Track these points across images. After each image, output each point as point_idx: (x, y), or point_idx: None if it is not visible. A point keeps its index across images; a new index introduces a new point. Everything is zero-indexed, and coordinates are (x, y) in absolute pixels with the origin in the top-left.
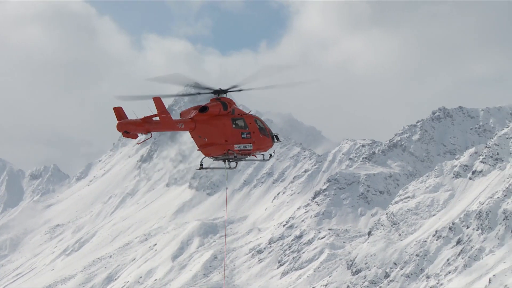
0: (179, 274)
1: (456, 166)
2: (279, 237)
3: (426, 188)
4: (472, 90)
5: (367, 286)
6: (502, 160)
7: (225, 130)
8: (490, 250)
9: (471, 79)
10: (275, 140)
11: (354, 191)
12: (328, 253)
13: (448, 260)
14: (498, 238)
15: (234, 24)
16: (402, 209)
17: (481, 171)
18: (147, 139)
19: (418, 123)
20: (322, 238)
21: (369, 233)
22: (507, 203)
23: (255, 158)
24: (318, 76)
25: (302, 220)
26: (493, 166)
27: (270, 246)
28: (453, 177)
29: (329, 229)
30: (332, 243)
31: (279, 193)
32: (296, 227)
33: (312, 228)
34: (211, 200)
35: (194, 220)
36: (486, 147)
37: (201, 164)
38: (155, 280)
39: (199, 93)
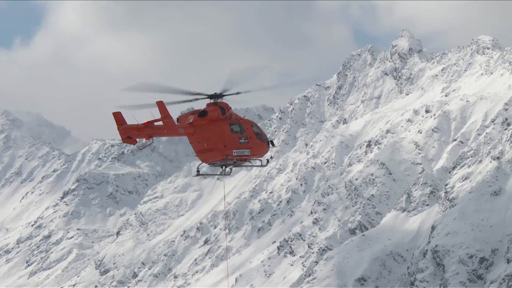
0: None
1: (204, 166)
2: (27, 237)
3: (175, 188)
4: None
5: (115, 286)
6: (250, 161)
7: (224, 135)
8: (237, 250)
9: (223, 80)
10: (270, 145)
11: (103, 191)
12: (76, 253)
13: (195, 260)
14: (244, 238)
15: None
16: (150, 209)
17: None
18: (148, 145)
19: None
20: (71, 238)
21: (118, 233)
22: (254, 203)
23: (252, 164)
24: (71, 73)
25: (51, 220)
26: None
27: (18, 246)
28: (201, 178)
29: (78, 229)
30: (81, 243)
31: (27, 192)
32: (44, 227)
33: (61, 228)
34: None
35: None
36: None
37: (198, 171)
38: None
39: (196, 99)
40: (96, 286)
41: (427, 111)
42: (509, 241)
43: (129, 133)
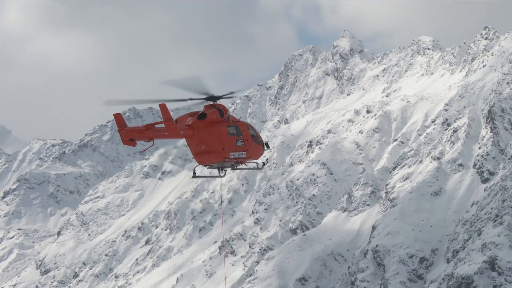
0: None
1: (145, 166)
2: None
3: (116, 188)
4: (165, 89)
5: (56, 286)
6: (190, 161)
7: (222, 137)
8: (178, 249)
9: (166, 79)
10: (265, 147)
11: (44, 190)
12: (17, 253)
13: (137, 259)
14: (186, 238)
15: None
16: (92, 209)
17: (170, 172)
18: (149, 147)
19: (109, 123)
20: (11, 238)
21: (59, 233)
22: (195, 203)
23: (249, 167)
24: (12, 72)
25: None
26: (182, 166)
27: None
28: (142, 177)
29: (19, 229)
30: (21, 243)
31: None
32: None
33: (1, 228)
34: None
35: None
36: (174, 147)
37: (194, 173)
38: None
39: (191, 99)
40: (36, 286)
41: (368, 111)
42: (449, 241)
43: (131, 135)
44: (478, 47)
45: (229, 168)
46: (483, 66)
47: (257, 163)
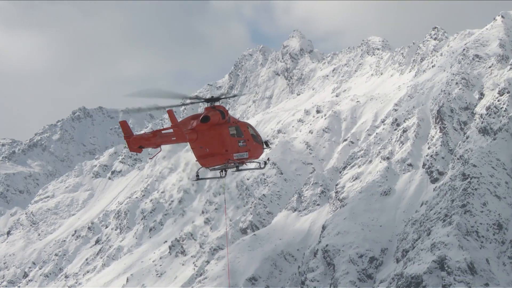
0: None
1: (96, 166)
2: None
3: (66, 187)
4: (116, 89)
5: (6, 286)
6: (141, 161)
7: (225, 139)
8: (128, 249)
9: (118, 79)
10: (265, 146)
11: None
12: None
13: (87, 259)
14: (136, 238)
15: None
16: (41, 209)
17: (120, 171)
18: (157, 153)
19: (59, 123)
20: None
21: (8, 233)
22: (145, 203)
23: (252, 167)
24: None
25: None
26: (132, 166)
27: None
28: (92, 177)
29: None
30: None
31: None
32: None
33: None
34: None
35: None
36: (125, 147)
37: (197, 175)
38: None
39: (196, 97)
40: None
41: (318, 111)
42: (399, 241)
43: (140, 143)
44: (427, 48)
45: (233, 169)
46: (432, 66)
47: (259, 162)
